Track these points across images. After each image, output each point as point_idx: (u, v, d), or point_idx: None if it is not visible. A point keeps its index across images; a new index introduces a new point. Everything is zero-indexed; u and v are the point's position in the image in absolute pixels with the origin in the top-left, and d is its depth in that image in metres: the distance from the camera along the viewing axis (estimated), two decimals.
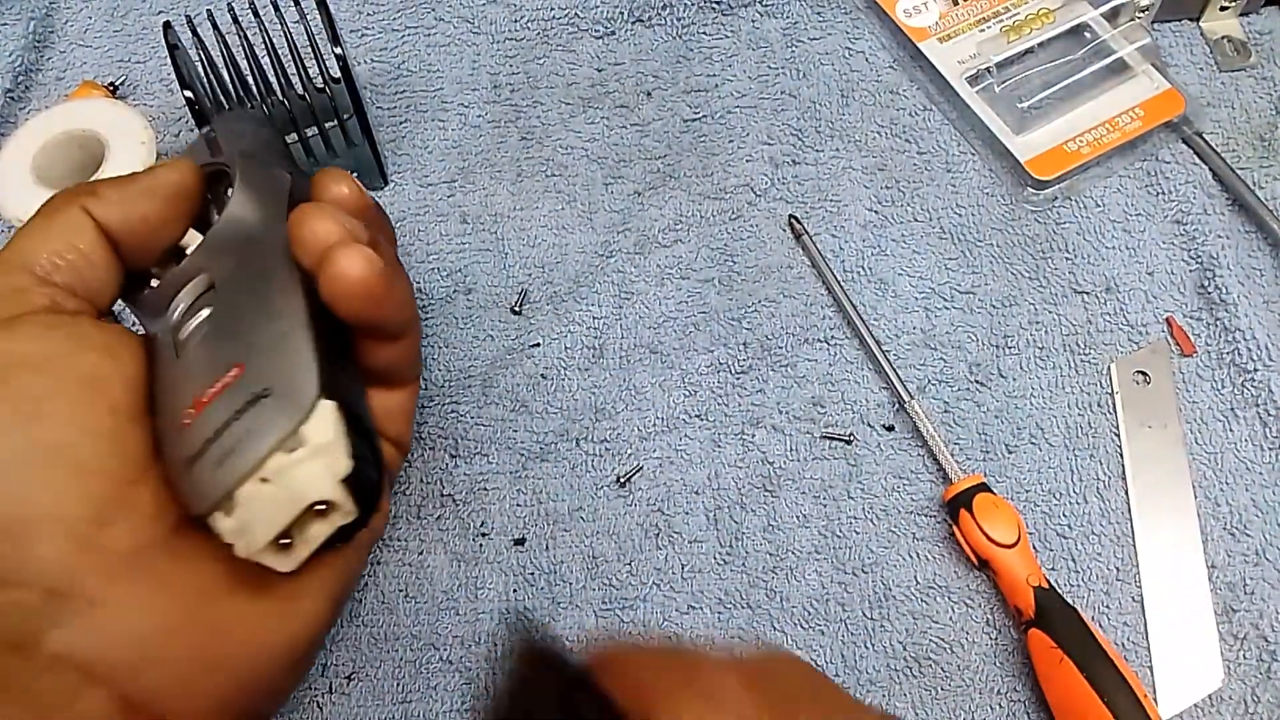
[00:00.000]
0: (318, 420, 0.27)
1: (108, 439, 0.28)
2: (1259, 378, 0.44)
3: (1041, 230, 0.49)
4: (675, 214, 0.50)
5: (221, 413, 0.27)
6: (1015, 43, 0.52)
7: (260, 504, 0.27)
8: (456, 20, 0.55)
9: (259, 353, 0.28)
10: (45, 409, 0.27)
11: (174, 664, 0.27)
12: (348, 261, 0.30)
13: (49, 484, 0.26)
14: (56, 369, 0.28)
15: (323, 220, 0.31)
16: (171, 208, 0.33)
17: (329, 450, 0.27)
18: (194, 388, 0.28)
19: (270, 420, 0.27)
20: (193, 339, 0.30)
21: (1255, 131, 0.51)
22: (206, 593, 0.29)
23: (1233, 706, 0.39)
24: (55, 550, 0.26)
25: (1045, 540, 0.42)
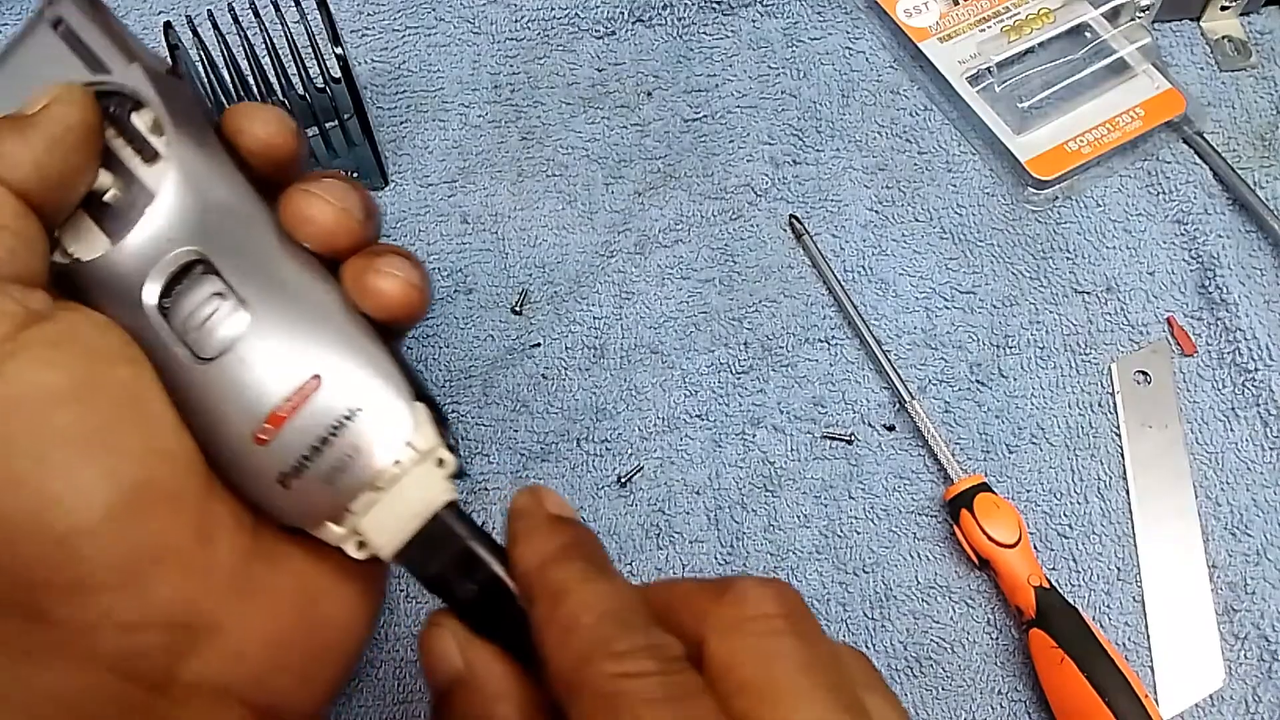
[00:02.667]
0: (418, 428, 0.28)
1: (178, 458, 0.27)
2: (1260, 377, 0.44)
3: (1042, 230, 0.49)
4: (676, 214, 0.50)
5: (313, 428, 0.27)
6: (1016, 43, 0.52)
7: (380, 513, 0.27)
8: (457, 20, 0.55)
9: (329, 361, 0.28)
10: (111, 443, 0.25)
11: (295, 665, 0.28)
12: (391, 282, 0.28)
13: (149, 521, 0.25)
14: (91, 397, 0.25)
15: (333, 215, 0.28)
16: (83, 153, 0.28)
17: (434, 452, 0.28)
18: (257, 399, 0.27)
19: (376, 438, 0.27)
20: (219, 341, 0.28)
21: (1256, 131, 0.51)
22: (307, 590, 0.29)
23: (1233, 706, 0.39)
24: (172, 586, 0.25)
25: (1046, 540, 0.42)
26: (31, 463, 0.24)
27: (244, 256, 0.29)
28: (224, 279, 0.28)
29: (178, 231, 0.28)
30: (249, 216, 0.29)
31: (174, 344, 0.28)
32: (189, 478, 0.27)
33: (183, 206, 0.29)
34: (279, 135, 0.29)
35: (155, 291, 0.28)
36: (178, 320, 0.28)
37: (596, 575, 0.26)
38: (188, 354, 0.28)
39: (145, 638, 0.25)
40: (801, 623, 0.25)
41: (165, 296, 0.28)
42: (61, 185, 0.27)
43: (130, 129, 0.29)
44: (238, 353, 0.28)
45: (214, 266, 0.28)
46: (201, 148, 0.29)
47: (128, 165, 0.29)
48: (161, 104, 0.29)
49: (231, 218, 0.29)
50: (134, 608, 0.25)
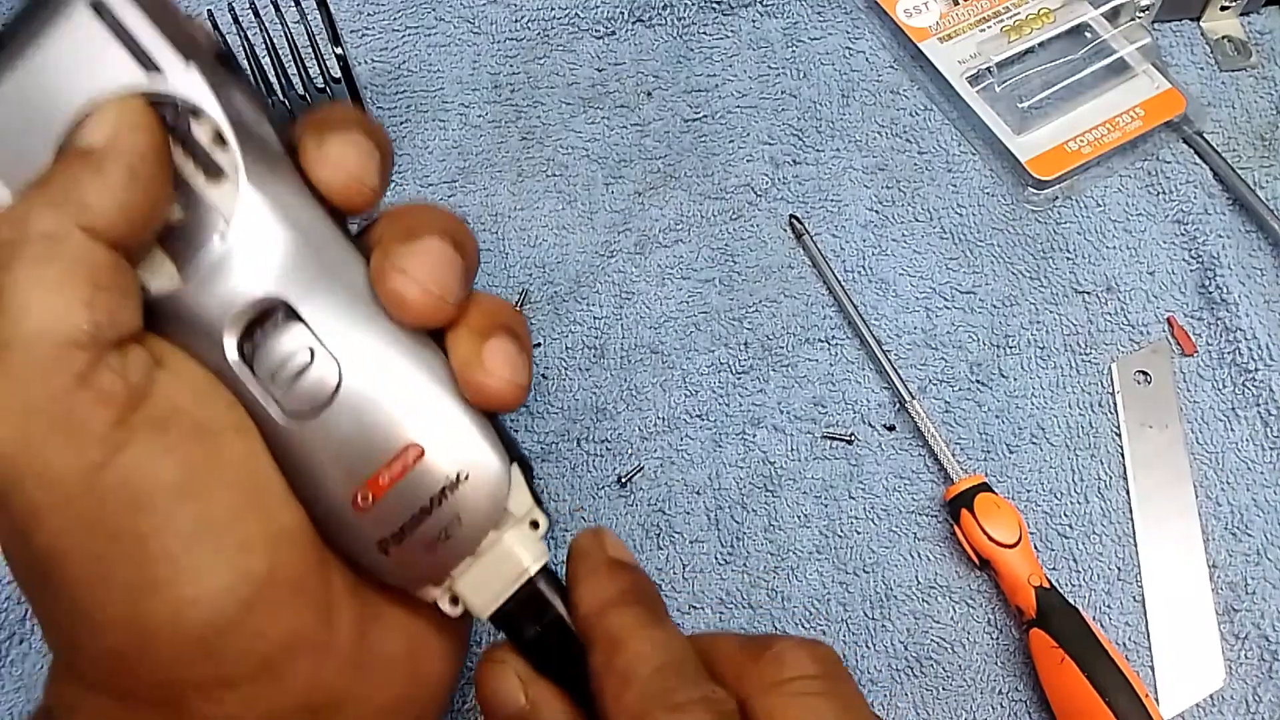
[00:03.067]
0: (515, 493, 0.28)
1: (295, 538, 0.26)
2: (1260, 377, 0.44)
3: (1042, 230, 0.49)
4: (676, 214, 0.50)
5: (415, 497, 0.27)
6: (1016, 42, 0.52)
7: (478, 575, 0.28)
8: (457, 20, 0.55)
9: (430, 426, 0.27)
10: (235, 535, 0.24)
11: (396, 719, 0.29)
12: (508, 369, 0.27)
13: (279, 610, 0.25)
14: (208, 487, 0.24)
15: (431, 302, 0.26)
16: (161, 181, 0.25)
17: (529, 514, 0.28)
18: (353, 465, 0.26)
19: (478, 506, 0.27)
20: (310, 395, 0.26)
21: (1256, 131, 0.51)
22: (414, 650, 0.29)
23: (1234, 706, 0.39)
24: (305, 672, 0.25)
25: (1046, 540, 0.42)
26: (164, 566, 0.23)
27: (332, 301, 0.26)
28: (310, 329, 0.26)
29: (256, 269, 0.26)
30: (328, 249, 0.27)
31: (263, 399, 0.26)
32: (308, 557, 0.26)
33: (257, 238, 0.26)
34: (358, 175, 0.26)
35: (234, 342, 0.26)
36: (263, 370, 0.26)
37: (653, 622, 0.27)
38: (277, 410, 0.26)
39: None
40: (840, 684, 0.26)
41: (246, 341, 0.26)
42: (145, 223, 0.25)
43: (191, 141, 0.26)
44: (332, 413, 0.26)
45: (298, 313, 0.26)
46: (271, 166, 0.26)
47: (190, 183, 0.26)
48: (225, 116, 0.26)
49: (310, 252, 0.26)
50: (271, 697, 0.25)
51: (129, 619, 0.23)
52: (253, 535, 0.25)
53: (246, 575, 0.24)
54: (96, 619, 0.23)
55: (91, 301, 0.23)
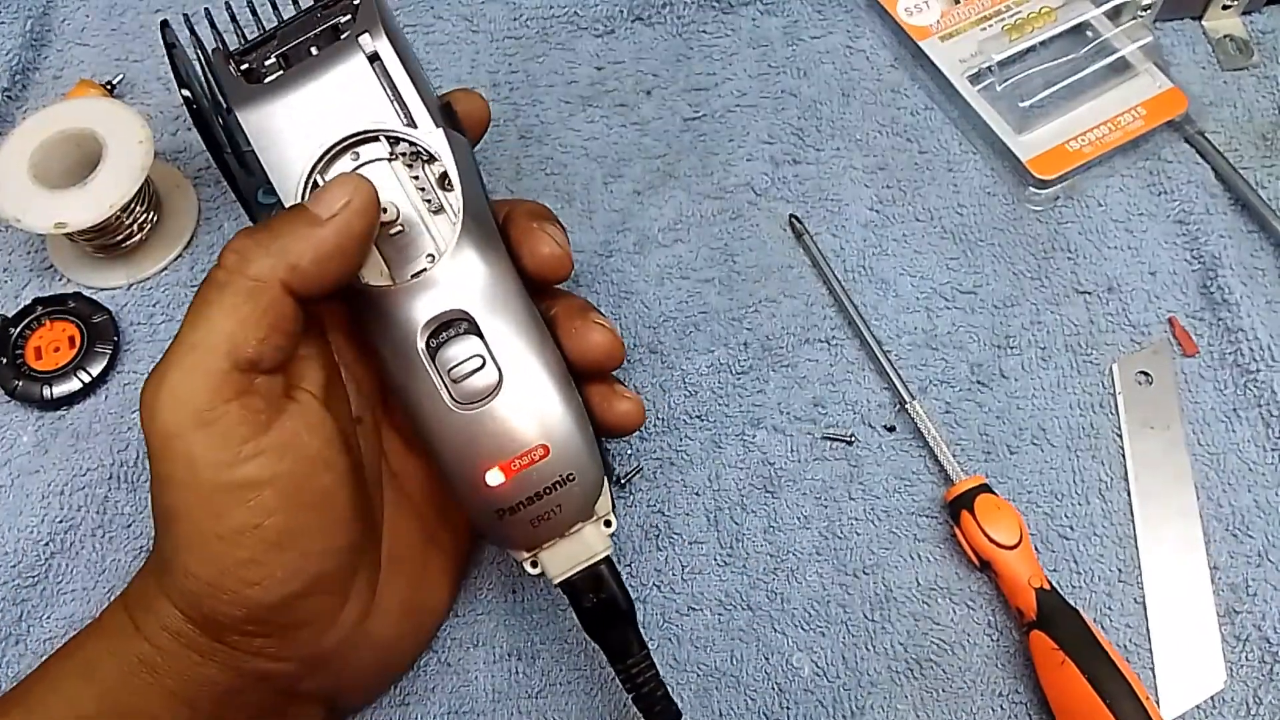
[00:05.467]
0: (602, 498, 0.36)
1: (343, 554, 0.34)
2: (1261, 378, 0.44)
3: (1043, 230, 0.49)
4: (675, 213, 0.50)
5: (532, 485, 0.34)
6: (1017, 41, 0.52)
7: (561, 551, 0.35)
8: (455, 18, 0.55)
9: (557, 433, 0.34)
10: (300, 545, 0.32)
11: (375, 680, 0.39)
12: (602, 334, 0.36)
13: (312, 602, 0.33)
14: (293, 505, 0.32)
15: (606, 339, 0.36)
16: (359, 256, 0.33)
17: (606, 514, 0.36)
18: (495, 450, 0.34)
19: (576, 502, 0.35)
20: (473, 391, 0.34)
21: (1258, 130, 0.51)
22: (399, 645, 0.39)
23: (1235, 708, 0.39)
24: (309, 640, 0.34)
25: (1047, 541, 0.42)
26: (245, 555, 0.31)
27: (504, 326, 0.34)
28: (485, 342, 0.34)
29: (455, 290, 0.34)
30: (512, 291, 0.35)
31: (440, 386, 0.34)
32: (343, 566, 0.34)
33: (463, 269, 0.34)
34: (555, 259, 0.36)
35: (425, 336, 0.34)
36: (441, 364, 0.34)
37: None
38: (448, 397, 0.34)
39: (281, 666, 0.34)
40: None
41: (433, 338, 0.34)
42: (333, 288, 0.33)
43: (424, 176, 0.35)
44: (489, 409, 0.34)
45: (478, 328, 0.34)
46: (480, 216, 0.35)
47: (417, 210, 0.34)
48: (457, 170, 0.34)
49: (499, 288, 0.34)
50: (278, 650, 0.33)
51: (211, 578, 0.31)
52: (314, 549, 0.33)
53: (299, 574, 0.32)
54: (189, 568, 0.31)
55: (264, 339, 0.31)
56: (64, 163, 0.47)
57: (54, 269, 0.49)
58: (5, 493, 0.44)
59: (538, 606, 0.42)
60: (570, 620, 0.41)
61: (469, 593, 0.42)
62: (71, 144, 0.47)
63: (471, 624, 0.42)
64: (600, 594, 0.35)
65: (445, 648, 0.41)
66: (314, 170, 0.34)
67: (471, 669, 0.41)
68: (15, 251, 0.50)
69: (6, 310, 0.47)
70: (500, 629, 0.41)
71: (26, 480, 0.44)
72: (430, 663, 0.41)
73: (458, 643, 0.41)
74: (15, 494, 0.44)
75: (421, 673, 0.41)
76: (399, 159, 0.34)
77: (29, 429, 0.45)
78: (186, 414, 0.31)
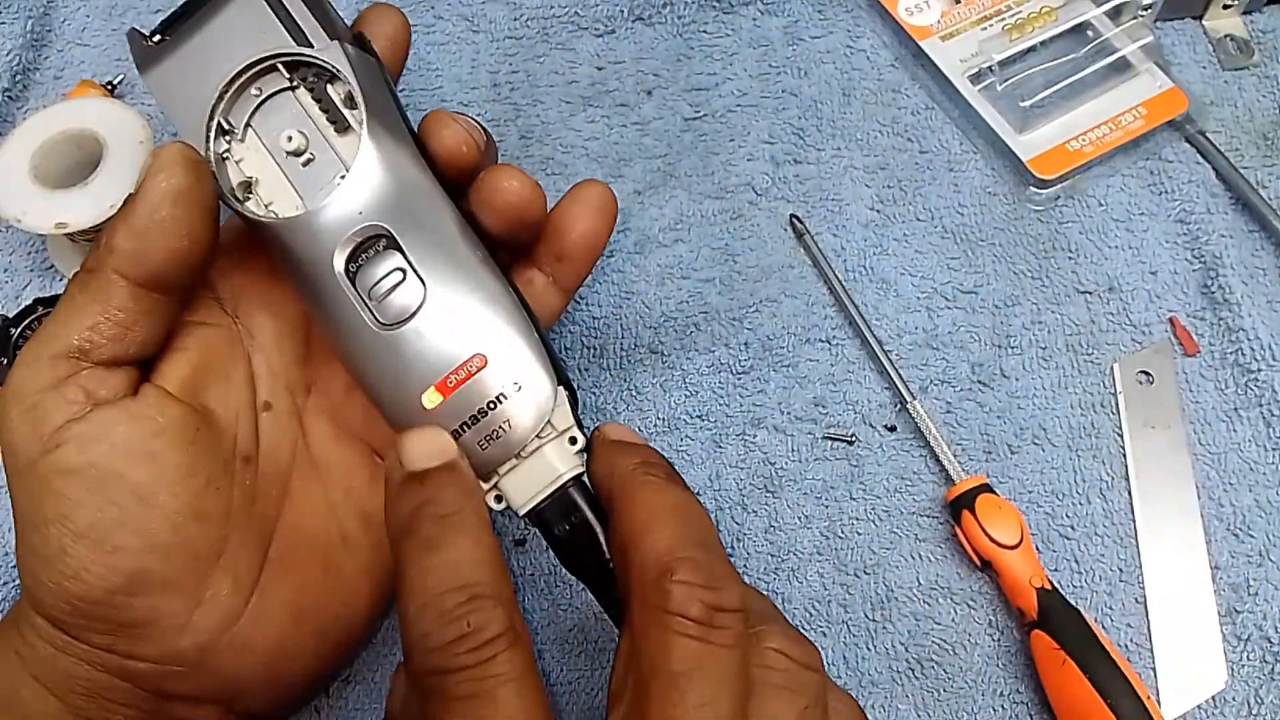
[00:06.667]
0: (559, 410, 0.33)
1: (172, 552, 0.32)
2: (1262, 378, 0.44)
3: (1044, 230, 0.49)
4: (676, 213, 0.50)
5: (474, 401, 0.32)
6: (1017, 41, 0.52)
7: (522, 476, 0.33)
8: (455, 18, 0.55)
9: (494, 342, 0.32)
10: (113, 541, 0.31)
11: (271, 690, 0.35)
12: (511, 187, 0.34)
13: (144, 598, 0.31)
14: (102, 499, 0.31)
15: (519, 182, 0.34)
16: (187, 226, 0.31)
17: (569, 430, 0.33)
18: (427, 370, 0.32)
19: (527, 413, 0.32)
20: (398, 309, 0.32)
21: (1259, 130, 0.51)
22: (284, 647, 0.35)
23: (1236, 708, 0.39)
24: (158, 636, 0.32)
25: (1048, 541, 0.42)
26: (61, 546, 0.30)
27: (425, 236, 0.32)
28: (406, 256, 0.32)
29: (368, 205, 0.32)
30: (430, 198, 0.33)
31: (359, 308, 0.32)
32: (193, 567, 0.32)
33: (373, 182, 0.32)
34: (465, 145, 0.34)
35: (343, 258, 0.32)
36: (362, 286, 0.32)
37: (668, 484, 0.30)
38: (371, 318, 0.32)
39: (140, 665, 0.32)
40: None
41: (351, 262, 0.32)
42: (168, 262, 0.31)
43: (326, 98, 0.33)
44: (415, 325, 0.32)
45: (398, 243, 0.32)
46: (390, 128, 0.33)
47: (323, 134, 0.33)
48: (357, 82, 0.32)
49: (415, 197, 0.32)
50: (128, 649, 0.32)
51: (33, 568, 0.31)
52: (130, 545, 0.31)
53: (114, 570, 0.31)
54: (20, 558, 0.31)
55: (95, 326, 0.31)
56: (64, 163, 0.47)
57: (54, 269, 0.49)
58: (5, 492, 0.44)
59: (538, 606, 0.42)
60: (571, 620, 0.41)
61: None
62: (72, 144, 0.47)
63: None
64: (572, 519, 0.32)
65: None
66: (214, 115, 0.33)
67: None
68: (15, 251, 0.49)
69: (7, 310, 0.47)
70: None
71: None
72: None
73: None
74: None
75: None
76: (301, 85, 0.33)
77: None
78: (12, 401, 0.31)
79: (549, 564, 0.42)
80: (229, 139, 0.34)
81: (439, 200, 0.33)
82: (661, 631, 0.26)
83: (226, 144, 0.34)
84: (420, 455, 0.30)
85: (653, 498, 0.29)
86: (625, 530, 0.29)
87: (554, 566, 0.42)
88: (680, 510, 0.29)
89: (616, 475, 0.30)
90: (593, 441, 0.33)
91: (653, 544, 0.28)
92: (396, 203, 0.32)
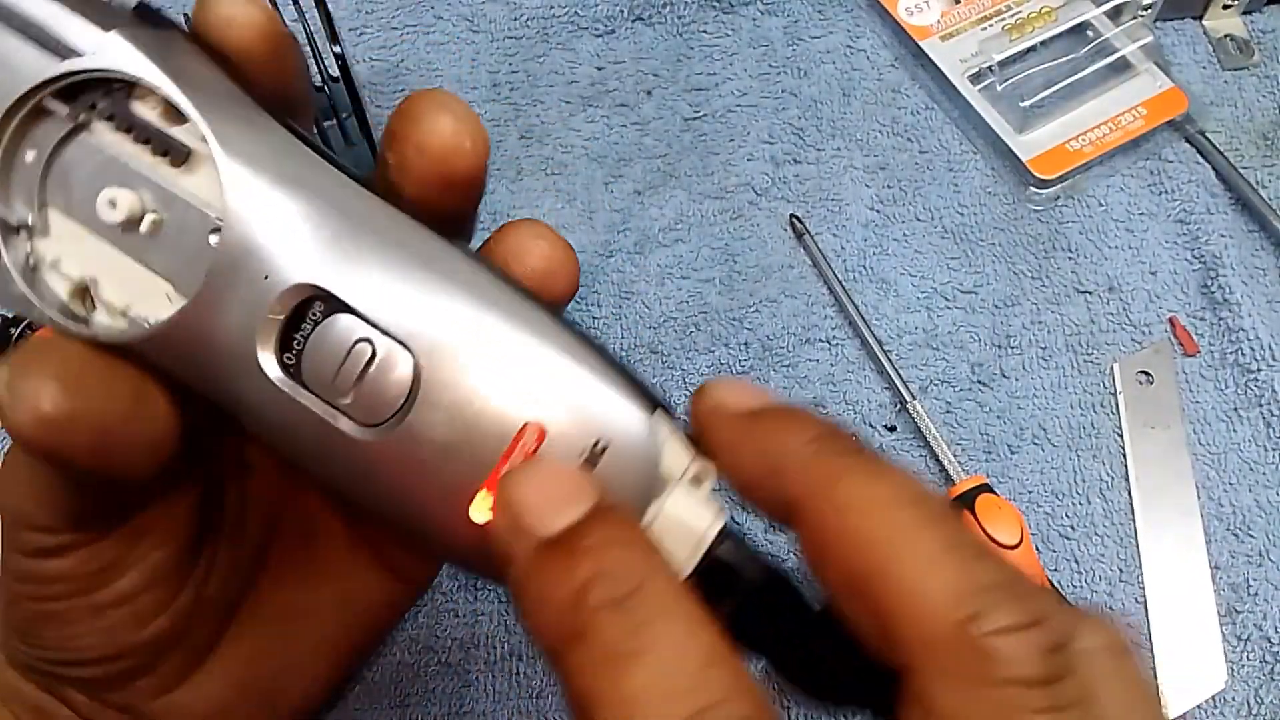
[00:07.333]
0: (667, 449, 0.22)
1: None
2: (1262, 378, 0.44)
3: (1044, 230, 0.49)
4: (676, 213, 0.50)
5: None
6: (1017, 41, 0.52)
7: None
8: (456, 19, 0.55)
9: (546, 396, 0.21)
10: None
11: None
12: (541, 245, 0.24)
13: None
14: None
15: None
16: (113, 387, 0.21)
17: (688, 467, 0.22)
18: (463, 469, 0.21)
19: (624, 477, 0.21)
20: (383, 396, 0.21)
21: (1258, 130, 0.51)
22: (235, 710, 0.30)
23: (1236, 708, 0.39)
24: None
25: (1048, 541, 0.42)
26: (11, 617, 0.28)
27: (375, 271, 0.21)
28: (360, 314, 0.21)
29: (273, 258, 0.20)
30: (355, 208, 0.21)
31: (328, 415, 0.21)
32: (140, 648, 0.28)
33: (264, 218, 0.20)
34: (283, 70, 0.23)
35: (271, 357, 0.21)
36: (317, 382, 0.21)
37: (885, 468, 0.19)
38: (350, 425, 0.21)
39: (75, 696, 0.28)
40: None
41: (285, 353, 0.21)
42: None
43: (138, 123, 0.21)
44: (420, 410, 0.21)
45: (341, 300, 0.21)
46: (249, 127, 0.21)
47: (156, 177, 0.21)
48: (170, 78, 0.20)
49: (335, 217, 0.21)
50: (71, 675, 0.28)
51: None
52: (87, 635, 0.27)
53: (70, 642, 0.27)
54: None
55: None
56: None
57: None
58: None
59: None
60: None
61: (469, 593, 0.42)
62: None
63: (471, 625, 0.42)
64: (736, 590, 0.22)
65: (445, 649, 0.41)
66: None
67: (471, 670, 0.41)
68: None
69: (6, 310, 0.47)
70: (500, 630, 0.41)
71: None
72: (430, 664, 0.41)
73: (458, 643, 0.41)
74: None
75: (421, 674, 0.41)
76: (92, 119, 0.21)
77: None
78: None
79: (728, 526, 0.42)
80: (24, 236, 0.22)
81: (377, 208, 0.21)
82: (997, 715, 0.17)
83: (27, 243, 0.22)
84: (550, 506, 0.19)
85: (875, 495, 0.19)
86: (852, 560, 0.19)
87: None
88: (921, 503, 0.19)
89: (789, 472, 0.20)
90: (712, 424, 0.22)
91: (918, 576, 0.18)
92: (314, 237, 0.20)
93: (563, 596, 0.18)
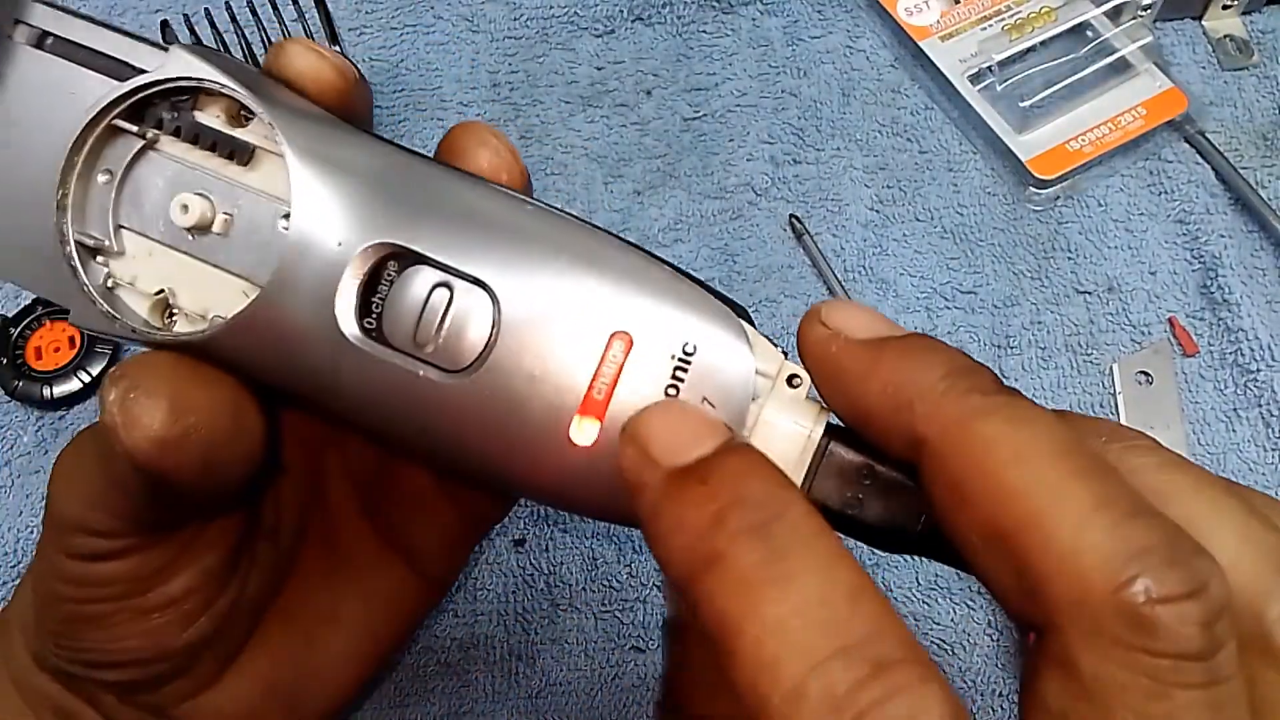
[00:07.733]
0: (759, 347, 0.22)
1: None
2: (1262, 378, 0.44)
3: (1043, 230, 0.49)
4: (675, 213, 0.50)
5: (643, 391, 0.21)
6: (1017, 41, 0.52)
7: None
8: (455, 19, 0.55)
9: (626, 305, 0.21)
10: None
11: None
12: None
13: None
14: None
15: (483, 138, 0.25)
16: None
17: (782, 371, 0.22)
18: (556, 394, 0.21)
19: (720, 376, 0.21)
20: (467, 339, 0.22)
21: (1258, 130, 0.51)
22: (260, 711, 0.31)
23: None
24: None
25: None
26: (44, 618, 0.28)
27: (435, 218, 0.22)
28: (431, 260, 0.22)
29: (342, 227, 0.22)
30: (414, 174, 0.23)
31: (412, 368, 0.22)
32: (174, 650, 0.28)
33: (328, 194, 0.22)
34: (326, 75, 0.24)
35: (352, 317, 0.22)
36: (398, 338, 0.22)
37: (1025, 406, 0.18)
38: (437, 373, 0.22)
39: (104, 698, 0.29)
40: None
41: (364, 317, 0.22)
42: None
43: (204, 130, 0.23)
44: (504, 345, 0.22)
45: (411, 249, 0.22)
46: (300, 115, 0.23)
47: (224, 179, 0.23)
48: (237, 83, 0.22)
49: (397, 185, 0.22)
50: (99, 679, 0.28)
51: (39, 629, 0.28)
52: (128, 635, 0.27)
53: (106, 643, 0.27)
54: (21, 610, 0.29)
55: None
56: None
57: None
58: (5, 493, 0.44)
59: (537, 607, 0.42)
60: (570, 620, 0.41)
61: (468, 594, 0.42)
62: None
63: (471, 625, 0.42)
64: (861, 486, 0.21)
65: (445, 648, 0.41)
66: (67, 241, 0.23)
67: (471, 670, 0.41)
68: None
69: (6, 310, 0.47)
70: (499, 630, 0.41)
71: (27, 480, 0.44)
72: (430, 664, 0.41)
73: (457, 644, 0.41)
74: (15, 494, 0.44)
75: (421, 674, 0.41)
76: (161, 134, 0.23)
77: (29, 429, 0.45)
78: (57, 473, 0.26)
79: (549, 564, 0.42)
80: (101, 260, 0.24)
81: (431, 169, 0.23)
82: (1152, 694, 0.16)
83: (105, 266, 0.24)
84: (681, 440, 0.19)
85: (1020, 442, 0.17)
86: (994, 511, 0.17)
87: (554, 566, 0.42)
88: (1072, 453, 0.17)
89: (919, 408, 0.19)
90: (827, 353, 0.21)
91: (1070, 533, 0.16)
92: (380, 199, 0.22)
93: (700, 521, 0.18)
